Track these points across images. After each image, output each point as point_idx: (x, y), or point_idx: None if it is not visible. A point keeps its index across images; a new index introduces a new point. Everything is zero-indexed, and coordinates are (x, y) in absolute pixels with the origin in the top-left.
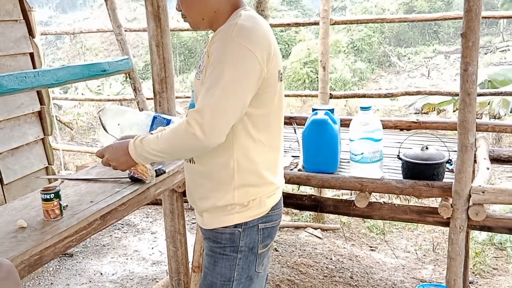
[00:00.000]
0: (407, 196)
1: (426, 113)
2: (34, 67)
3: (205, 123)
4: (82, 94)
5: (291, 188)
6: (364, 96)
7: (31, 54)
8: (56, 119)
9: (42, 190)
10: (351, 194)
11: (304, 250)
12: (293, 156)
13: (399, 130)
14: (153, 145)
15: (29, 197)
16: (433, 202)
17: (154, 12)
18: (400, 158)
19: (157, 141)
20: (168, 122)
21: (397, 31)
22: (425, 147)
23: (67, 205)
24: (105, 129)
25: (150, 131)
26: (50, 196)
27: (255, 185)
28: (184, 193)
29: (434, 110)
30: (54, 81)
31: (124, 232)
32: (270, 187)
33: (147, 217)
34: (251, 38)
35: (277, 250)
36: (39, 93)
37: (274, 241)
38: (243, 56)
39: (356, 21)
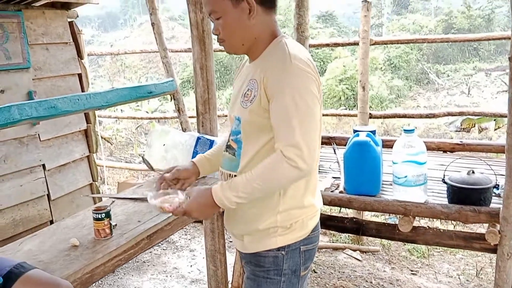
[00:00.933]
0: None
1: (466, 129)
2: (82, 87)
3: (304, 155)
4: (122, 110)
5: (329, 209)
6: (404, 116)
7: (79, 75)
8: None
9: (94, 210)
10: (389, 215)
11: (343, 272)
12: (333, 178)
13: (442, 152)
14: (243, 188)
15: (79, 215)
16: (477, 227)
17: (199, 36)
18: (445, 182)
19: (247, 182)
20: (211, 143)
21: (435, 48)
22: (471, 171)
23: (116, 224)
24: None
25: (193, 151)
26: (101, 216)
27: (298, 208)
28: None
29: (475, 126)
30: (104, 103)
31: (163, 249)
32: (312, 209)
33: (186, 235)
34: (307, 64)
35: (315, 272)
36: (85, 112)
37: (313, 262)
38: (308, 82)
39: (396, 41)
